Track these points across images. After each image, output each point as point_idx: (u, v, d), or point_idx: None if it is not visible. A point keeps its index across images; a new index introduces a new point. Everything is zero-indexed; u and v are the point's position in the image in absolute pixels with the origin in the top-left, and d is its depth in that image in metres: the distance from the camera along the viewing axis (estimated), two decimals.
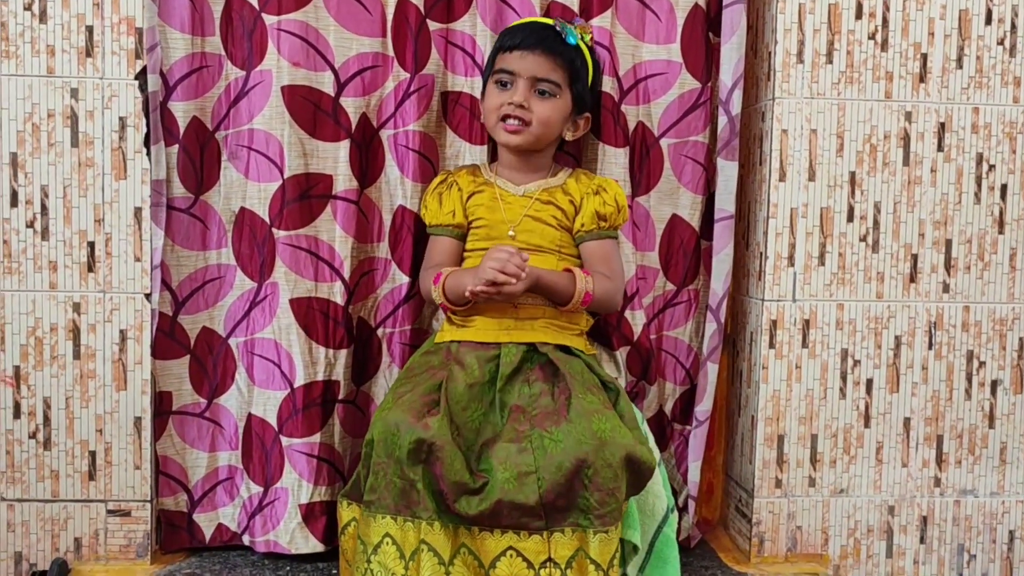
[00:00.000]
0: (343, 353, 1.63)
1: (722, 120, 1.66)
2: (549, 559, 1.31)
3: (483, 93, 1.57)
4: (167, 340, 1.62)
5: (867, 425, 1.67)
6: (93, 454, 1.58)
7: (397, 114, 1.64)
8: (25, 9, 1.51)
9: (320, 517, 1.63)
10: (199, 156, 1.61)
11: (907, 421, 1.67)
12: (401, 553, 1.30)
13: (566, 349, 1.48)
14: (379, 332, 1.67)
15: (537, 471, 1.31)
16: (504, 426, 1.39)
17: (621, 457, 1.33)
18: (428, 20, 1.64)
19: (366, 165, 1.65)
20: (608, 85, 1.64)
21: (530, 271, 1.43)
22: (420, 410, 1.35)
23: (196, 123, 1.60)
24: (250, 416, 1.63)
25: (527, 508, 1.31)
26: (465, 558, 1.32)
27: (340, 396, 1.64)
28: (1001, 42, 1.64)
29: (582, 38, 1.54)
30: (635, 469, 1.35)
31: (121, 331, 1.56)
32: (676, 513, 1.52)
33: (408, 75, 1.62)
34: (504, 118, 1.51)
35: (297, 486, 1.61)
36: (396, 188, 1.65)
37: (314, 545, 1.62)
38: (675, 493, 1.69)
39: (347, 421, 1.66)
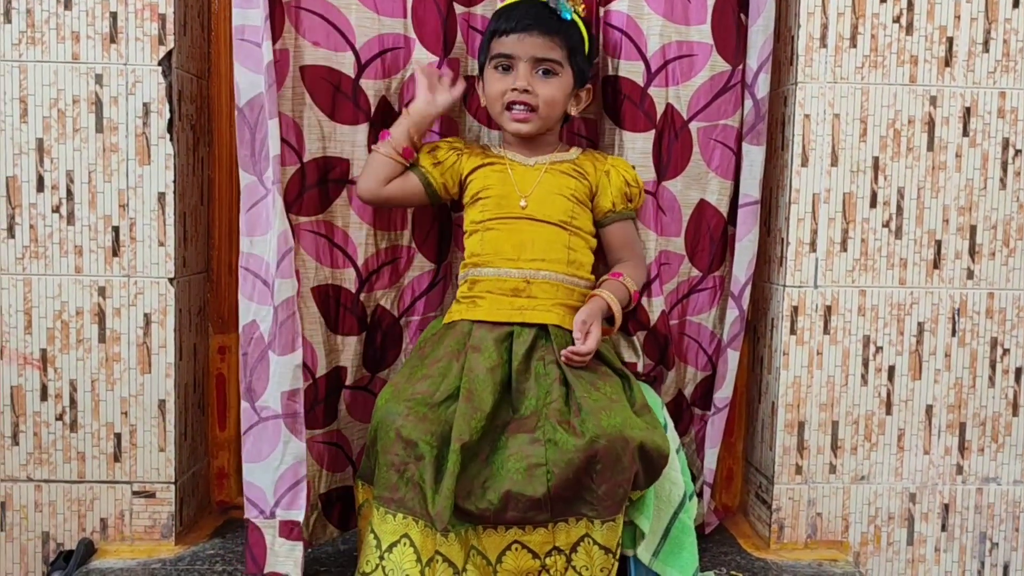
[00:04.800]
0: (352, 340, 1.63)
1: (748, 104, 1.65)
2: (554, 548, 1.33)
3: (480, 78, 1.57)
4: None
5: (889, 412, 1.66)
6: (118, 436, 1.60)
7: None
8: None
9: (336, 504, 1.64)
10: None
11: (929, 408, 1.66)
12: (419, 557, 1.31)
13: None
14: (401, 321, 1.68)
15: (547, 464, 1.32)
16: (524, 414, 1.40)
17: (632, 448, 1.33)
18: (454, 3, 1.63)
19: None
20: (630, 69, 1.63)
21: (595, 311, 1.47)
22: (429, 406, 1.36)
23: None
24: None
25: (534, 501, 1.31)
26: (475, 560, 1.33)
27: (347, 382, 1.64)
28: None
29: (575, 11, 1.54)
30: (647, 458, 1.35)
31: (146, 315, 1.58)
32: (695, 499, 1.52)
33: (437, 59, 1.61)
34: (509, 106, 1.51)
35: (317, 477, 1.62)
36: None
37: (331, 531, 1.64)
38: (695, 479, 1.69)
39: (354, 407, 1.65)
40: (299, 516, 1.53)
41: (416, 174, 1.55)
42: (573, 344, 1.44)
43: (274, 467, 1.52)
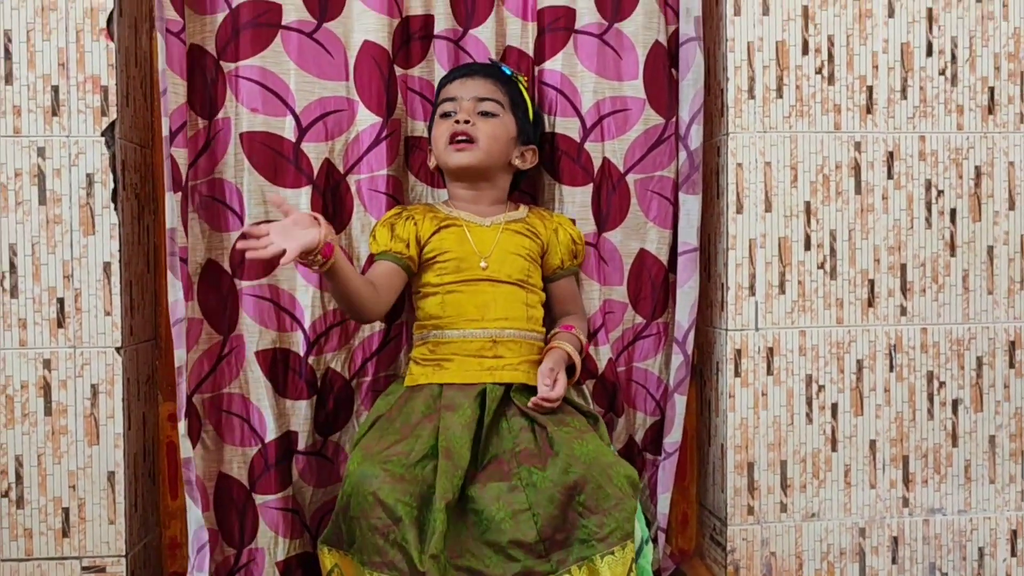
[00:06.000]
0: (302, 404, 1.64)
1: (682, 155, 1.71)
2: None
3: (430, 134, 1.62)
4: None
5: (834, 449, 1.70)
6: (67, 511, 1.57)
7: (367, 158, 1.65)
8: None
9: (296, 570, 1.63)
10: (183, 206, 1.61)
11: (873, 443, 1.71)
12: None
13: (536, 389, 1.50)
14: (353, 383, 1.68)
15: (531, 507, 1.34)
16: (486, 463, 1.41)
17: (613, 473, 1.36)
18: (394, 65, 1.67)
19: (333, 212, 1.66)
20: (566, 125, 1.68)
21: (559, 360, 1.52)
22: (405, 467, 1.37)
23: (179, 172, 1.59)
24: (220, 474, 1.63)
25: (528, 545, 1.33)
26: None
27: (299, 447, 1.64)
28: (943, 72, 1.70)
29: (517, 76, 1.62)
30: (632, 483, 1.39)
31: (92, 386, 1.57)
32: (651, 544, 1.54)
33: (380, 120, 1.64)
34: (453, 139, 1.55)
35: (273, 544, 1.61)
36: (367, 235, 1.66)
37: None
38: (649, 524, 1.71)
39: (307, 472, 1.65)
40: None
41: (395, 263, 1.54)
42: (537, 395, 1.48)
43: (192, 531, 1.56)
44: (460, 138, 1.54)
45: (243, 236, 1.35)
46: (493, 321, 1.53)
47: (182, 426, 1.55)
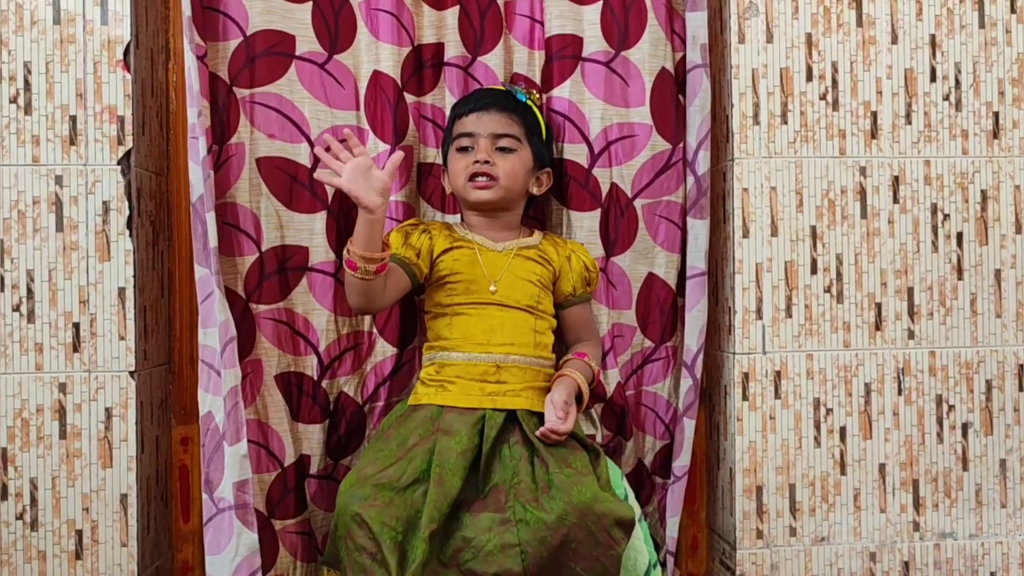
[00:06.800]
0: (315, 428, 1.65)
1: (690, 180, 1.72)
2: None
3: (445, 162, 1.64)
4: None
5: (843, 472, 1.70)
6: (80, 533, 1.59)
7: None
8: (11, 102, 1.57)
9: None
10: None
11: (882, 467, 1.70)
12: None
13: (542, 416, 1.51)
14: (365, 408, 1.69)
15: (521, 544, 1.35)
16: (486, 492, 1.42)
17: (608, 522, 1.37)
18: (404, 93, 1.70)
19: (345, 237, 1.68)
20: (574, 151, 1.71)
21: (571, 391, 1.53)
22: (395, 491, 1.38)
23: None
24: None
25: (513, 574, 1.33)
26: None
27: (312, 471, 1.66)
28: (947, 98, 1.71)
29: (529, 97, 1.64)
30: (625, 527, 1.39)
31: (106, 409, 1.59)
32: (659, 568, 1.54)
33: (388, 147, 1.66)
34: (472, 177, 1.57)
35: (292, 569, 1.62)
36: None
37: None
38: (658, 548, 1.71)
39: (319, 496, 1.66)
40: None
41: (401, 267, 1.54)
42: (542, 424, 1.48)
43: (230, 559, 1.52)
44: (480, 178, 1.56)
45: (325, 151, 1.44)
46: (499, 346, 1.54)
47: (243, 446, 1.53)
